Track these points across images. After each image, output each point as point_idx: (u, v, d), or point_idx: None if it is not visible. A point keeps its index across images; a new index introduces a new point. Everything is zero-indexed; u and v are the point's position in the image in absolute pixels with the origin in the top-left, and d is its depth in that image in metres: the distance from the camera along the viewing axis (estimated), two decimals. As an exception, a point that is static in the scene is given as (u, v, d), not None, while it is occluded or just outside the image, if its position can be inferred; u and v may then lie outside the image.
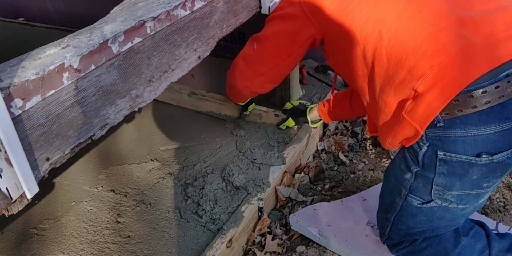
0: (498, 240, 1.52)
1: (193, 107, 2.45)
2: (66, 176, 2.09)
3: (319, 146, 2.33)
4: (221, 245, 1.66)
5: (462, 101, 1.19)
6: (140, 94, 1.29)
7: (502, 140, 1.22)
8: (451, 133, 1.24)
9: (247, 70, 1.74)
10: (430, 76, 1.18)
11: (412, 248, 1.58)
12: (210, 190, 1.87)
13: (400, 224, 1.53)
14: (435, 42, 1.20)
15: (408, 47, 1.23)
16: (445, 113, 1.22)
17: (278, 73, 1.75)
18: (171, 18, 1.33)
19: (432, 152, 1.30)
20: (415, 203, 1.43)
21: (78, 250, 1.74)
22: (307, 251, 1.79)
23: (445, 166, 1.30)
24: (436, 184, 1.35)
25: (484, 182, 1.32)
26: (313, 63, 2.72)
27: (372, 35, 1.29)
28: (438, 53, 1.19)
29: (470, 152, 1.24)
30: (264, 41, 1.65)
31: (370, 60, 1.31)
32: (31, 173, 0.98)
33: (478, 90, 1.17)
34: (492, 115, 1.20)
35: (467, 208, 1.41)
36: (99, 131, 1.18)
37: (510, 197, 2.01)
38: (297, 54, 1.64)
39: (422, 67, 1.19)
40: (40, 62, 0.99)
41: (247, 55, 1.72)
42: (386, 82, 1.28)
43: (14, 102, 0.92)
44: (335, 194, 2.08)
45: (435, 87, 1.18)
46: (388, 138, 1.35)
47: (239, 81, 1.80)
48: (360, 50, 1.34)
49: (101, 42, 1.10)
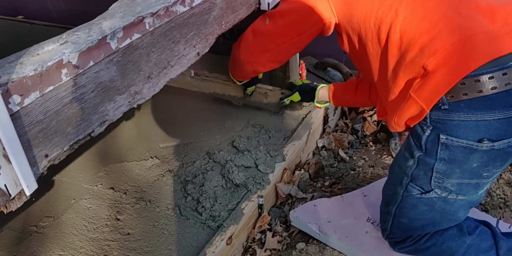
0: (505, 239, 1.52)
1: (195, 88, 2.43)
2: (66, 174, 2.09)
3: (319, 143, 2.32)
4: (221, 242, 1.66)
5: (468, 85, 1.20)
6: (139, 91, 1.29)
7: (504, 128, 1.23)
8: (455, 117, 1.25)
9: (254, 45, 1.73)
10: (442, 55, 1.20)
11: (416, 247, 1.58)
12: (210, 187, 1.87)
13: (401, 217, 1.53)
14: (451, 23, 1.23)
15: (423, 26, 1.26)
16: (450, 96, 1.23)
17: (283, 52, 1.73)
18: (170, 14, 1.32)
19: (434, 136, 1.31)
20: (415, 193, 1.44)
21: (78, 248, 1.74)
22: (307, 248, 1.79)
23: (446, 151, 1.31)
24: (436, 171, 1.36)
25: (484, 171, 1.33)
26: (313, 60, 2.72)
27: (388, 13, 1.32)
28: (452, 34, 1.21)
29: (472, 137, 1.26)
30: (277, 17, 1.64)
31: (384, 39, 1.34)
32: (29, 169, 0.98)
33: (485, 75, 1.19)
34: (497, 101, 1.21)
35: (466, 199, 1.41)
36: (98, 128, 1.17)
37: (510, 193, 2.01)
38: (306, 34, 1.63)
39: (434, 45, 1.22)
40: (38, 58, 0.99)
41: (257, 29, 1.71)
42: (398, 61, 1.31)
43: (12, 98, 0.91)
44: (335, 191, 2.07)
45: (444, 67, 1.20)
46: (394, 117, 1.37)
47: (243, 55, 1.79)
48: (375, 29, 1.36)
49: (99, 38, 1.09)
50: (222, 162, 2.00)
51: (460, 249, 1.51)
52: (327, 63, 2.61)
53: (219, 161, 2.01)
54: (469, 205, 1.46)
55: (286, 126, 2.25)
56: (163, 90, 1.42)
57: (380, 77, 1.43)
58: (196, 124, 2.32)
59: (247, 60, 1.80)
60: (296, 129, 2.19)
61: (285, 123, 2.27)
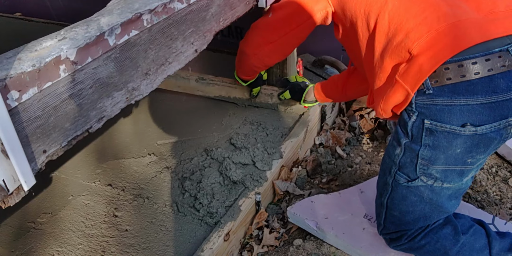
0: (498, 239, 1.53)
1: (200, 92, 2.47)
2: (64, 171, 2.09)
3: (317, 140, 2.33)
4: (219, 238, 1.66)
5: (452, 70, 1.24)
6: (136, 87, 1.29)
7: (487, 112, 1.26)
8: (439, 101, 1.28)
9: (258, 37, 1.83)
10: (426, 40, 1.25)
11: (410, 245, 1.59)
12: (208, 184, 1.88)
13: (393, 209, 1.55)
14: (437, 10, 1.28)
15: (411, 12, 1.30)
16: (435, 81, 1.26)
17: (286, 42, 1.82)
18: (168, 11, 1.32)
19: (420, 122, 1.34)
20: (402, 181, 1.47)
21: (75, 244, 1.74)
22: (304, 244, 1.80)
23: (430, 136, 1.34)
24: (421, 157, 1.39)
25: (467, 157, 1.35)
26: (310, 57, 2.72)
27: (378, 1, 1.37)
28: (437, 20, 1.26)
29: (455, 122, 1.29)
30: (278, 9, 1.75)
31: (372, 25, 1.39)
32: (28, 165, 0.98)
33: (468, 60, 1.23)
34: (480, 86, 1.24)
35: (452, 187, 1.44)
36: (96, 124, 1.18)
37: (506, 190, 2.02)
38: (306, 24, 1.71)
39: (419, 30, 1.26)
40: (36, 54, 0.99)
41: (261, 22, 1.81)
42: (385, 46, 1.35)
43: (10, 94, 0.92)
44: (333, 188, 2.08)
45: (428, 51, 1.24)
46: (381, 103, 1.40)
47: (248, 48, 1.88)
48: (365, 16, 1.41)
49: (97, 34, 1.09)
50: (220, 159, 2.00)
51: (453, 248, 1.52)
52: (325, 60, 2.61)
53: (217, 158, 2.02)
54: (457, 194, 1.48)
55: (284, 123, 2.26)
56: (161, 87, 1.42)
57: (368, 64, 1.47)
58: (193, 121, 2.32)
59: (252, 53, 1.88)
60: (293, 127, 2.20)
61: (282, 121, 2.27)
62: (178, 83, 2.48)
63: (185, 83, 2.47)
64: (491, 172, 2.13)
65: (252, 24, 1.84)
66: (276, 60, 1.98)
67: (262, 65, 1.98)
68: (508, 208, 1.94)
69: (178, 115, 2.39)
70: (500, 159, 2.20)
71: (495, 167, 2.15)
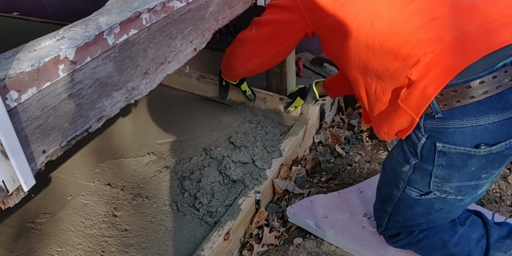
0: (496, 227, 1.53)
1: (199, 92, 2.48)
2: (63, 170, 2.09)
3: (316, 139, 2.33)
4: (219, 237, 1.66)
5: (460, 92, 1.19)
6: (136, 87, 1.29)
7: (500, 130, 1.22)
8: (450, 124, 1.24)
9: (245, 51, 1.81)
10: (423, 64, 1.20)
11: (409, 240, 1.59)
12: (207, 183, 1.87)
13: (397, 216, 1.53)
14: (429, 31, 1.22)
15: (402, 37, 1.24)
16: (443, 104, 1.22)
17: (273, 56, 1.81)
18: (167, 9, 1.32)
19: (430, 144, 1.30)
20: (414, 195, 1.43)
21: (75, 244, 1.74)
22: (304, 243, 1.80)
23: (443, 158, 1.30)
24: (435, 176, 1.35)
25: (483, 173, 1.32)
26: (309, 55, 2.72)
27: (364, 25, 1.31)
28: (431, 42, 1.20)
29: (468, 143, 1.25)
30: (260, 26, 1.71)
31: (363, 50, 1.33)
32: (27, 165, 0.98)
33: (475, 80, 1.18)
34: (490, 105, 1.20)
35: (465, 199, 1.41)
36: (96, 124, 1.17)
37: (506, 187, 2.02)
38: (289, 42, 1.69)
39: (415, 55, 1.21)
40: (35, 54, 0.99)
41: (245, 37, 1.78)
42: (380, 71, 1.30)
43: (9, 94, 0.91)
44: (332, 186, 2.08)
45: (428, 74, 1.19)
46: (384, 127, 1.36)
47: (237, 60, 1.87)
48: (353, 40, 1.35)
49: (96, 34, 1.09)
50: (219, 158, 2.00)
51: (452, 240, 1.52)
52: (324, 58, 2.61)
53: (216, 157, 2.02)
54: (467, 203, 1.46)
55: (283, 122, 2.25)
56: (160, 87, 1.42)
57: (361, 85, 1.42)
58: (192, 120, 2.32)
59: (240, 64, 1.88)
60: (292, 125, 2.20)
61: (281, 119, 2.27)
62: (180, 79, 2.51)
63: (187, 80, 2.50)
64: (490, 169, 2.13)
65: (237, 36, 1.82)
66: (265, 69, 2.01)
67: (252, 74, 2.01)
68: (508, 206, 1.94)
69: (177, 114, 2.39)
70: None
71: (494, 164, 2.15)
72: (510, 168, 2.12)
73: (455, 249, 1.53)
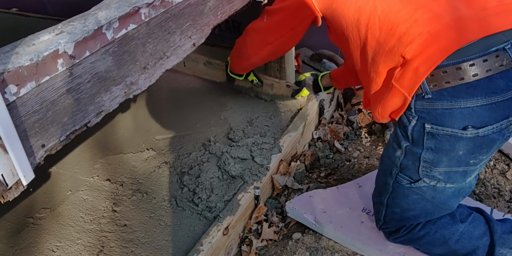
0: (499, 224, 1.54)
1: (208, 76, 2.60)
2: (62, 166, 2.09)
3: (315, 135, 2.33)
4: (218, 232, 1.66)
5: (450, 73, 1.22)
6: (135, 81, 1.29)
7: (488, 114, 1.25)
8: (438, 105, 1.27)
9: (257, 39, 1.88)
10: (418, 43, 1.23)
11: (409, 236, 1.60)
12: (206, 179, 1.88)
13: (394, 207, 1.55)
14: (427, 11, 1.26)
15: (401, 16, 1.28)
16: (433, 85, 1.25)
17: (283, 43, 1.87)
18: (166, 4, 1.32)
19: (420, 126, 1.33)
20: (404, 183, 1.46)
21: (74, 239, 1.74)
22: (303, 238, 1.80)
23: (432, 140, 1.33)
24: (423, 160, 1.38)
25: (470, 159, 1.35)
26: (308, 51, 2.72)
27: (367, 5, 1.35)
28: (428, 22, 1.24)
29: (456, 125, 1.28)
30: (271, 14, 1.79)
31: (363, 31, 1.37)
32: (26, 159, 0.98)
33: (466, 62, 1.21)
34: (479, 88, 1.23)
35: (455, 187, 1.43)
36: (95, 118, 1.18)
37: (504, 183, 2.02)
38: (299, 28, 1.75)
39: (411, 34, 1.24)
40: (34, 48, 0.99)
41: (257, 26, 1.87)
42: (377, 51, 1.33)
43: (8, 88, 0.91)
44: (331, 182, 2.08)
45: (422, 54, 1.22)
46: (378, 107, 1.39)
47: (250, 48, 1.93)
48: (354, 22, 1.39)
49: (95, 28, 1.09)
50: (218, 154, 2.00)
51: (453, 237, 1.53)
52: (323, 54, 2.61)
53: (215, 152, 2.02)
54: (460, 193, 1.48)
55: (282, 117, 2.26)
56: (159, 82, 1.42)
57: (362, 68, 1.46)
58: (192, 116, 2.32)
59: (254, 53, 1.94)
60: (292, 121, 2.20)
61: (281, 115, 2.27)
62: (188, 64, 2.62)
63: (194, 65, 2.62)
64: (489, 165, 2.13)
65: (248, 26, 1.90)
66: (276, 57, 2.12)
67: (263, 62, 2.11)
68: (506, 201, 1.94)
69: (176, 110, 2.39)
70: (498, 152, 2.21)
71: (493, 160, 2.16)
72: (509, 164, 2.13)
73: (456, 246, 1.54)
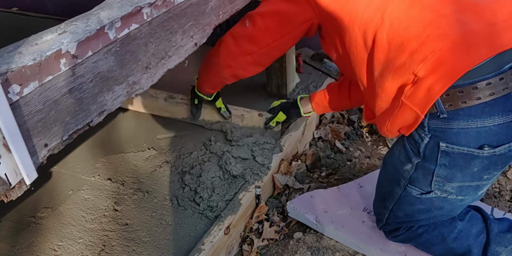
0: (497, 222, 1.54)
1: (168, 114, 2.31)
2: (63, 165, 2.09)
3: (316, 134, 2.33)
4: (219, 232, 1.67)
5: (466, 93, 1.19)
6: (137, 81, 1.29)
7: (504, 132, 1.23)
8: (454, 125, 1.24)
9: (235, 48, 1.65)
10: (431, 61, 1.18)
11: (408, 235, 1.60)
12: (207, 178, 1.88)
13: (398, 212, 1.54)
14: (437, 28, 1.21)
15: (411, 32, 1.23)
16: (449, 105, 1.22)
17: (266, 54, 1.66)
18: (168, 4, 1.32)
19: (434, 144, 1.30)
20: (414, 193, 1.44)
21: (76, 238, 1.75)
22: (304, 238, 1.81)
23: (446, 157, 1.30)
24: (436, 176, 1.35)
25: (485, 174, 1.32)
26: (309, 51, 2.72)
27: (374, 19, 1.29)
28: (439, 39, 1.19)
29: (472, 144, 1.25)
30: (257, 18, 1.58)
31: (370, 44, 1.31)
32: (29, 159, 0.98)
33: (482, 82, 1.18)
34: (496, 107, 1.20)
35: (466, 199, 1.42)
36: (97, 118, 1.18)
37: (505, 183, 2.03)
38: (290, 35, 1.58)
39: (423, 51, 1.20)
40: (37, 48, 0.99)
41: (237, 32, 1.64)
42: (385, 67, 1.28)
43: (11, 87, 0.91)
44: (332, 181, 2.09)
45: (435, 72, 1.18)
46: (387, 124, 1.35)
47: (222, 59, 1.70)
48: (360, 34, 1.33)
49: (98, 28, 1.09)
50: (219, 153, 2.01)
51: (451, 234, 1.53)
52: (324, 54, 2.61)
53: (216, 152, 2.02)
54: (468, 203, 1.47)
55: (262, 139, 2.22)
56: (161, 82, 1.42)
57: (365, 81, 1.41)
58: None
59: (226, 65, 1.71)
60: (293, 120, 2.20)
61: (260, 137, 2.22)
62: (145, 102, 2.34)
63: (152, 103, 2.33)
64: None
65: (226, 34, 1.68)
66: (252, 73, 1.75)
67: (234, 78, 1.78)
68: (507, 201, 1.95)
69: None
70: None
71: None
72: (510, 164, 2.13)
73: (453, 244, 1.54)
